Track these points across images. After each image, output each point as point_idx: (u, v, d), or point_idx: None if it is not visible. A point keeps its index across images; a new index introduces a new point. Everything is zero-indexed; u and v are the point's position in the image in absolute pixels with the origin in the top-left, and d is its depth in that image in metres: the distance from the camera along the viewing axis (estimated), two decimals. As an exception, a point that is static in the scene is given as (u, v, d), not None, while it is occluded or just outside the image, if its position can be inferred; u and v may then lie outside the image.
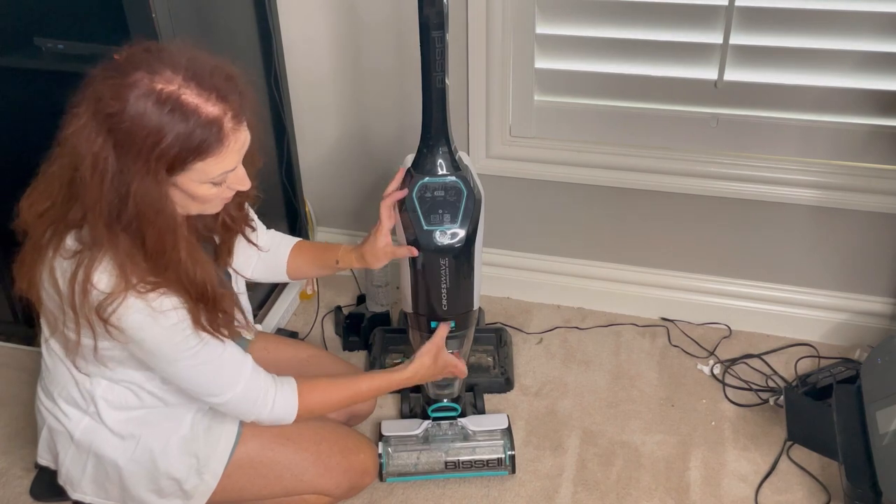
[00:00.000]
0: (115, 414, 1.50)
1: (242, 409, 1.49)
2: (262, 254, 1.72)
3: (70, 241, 1.31)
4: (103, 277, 1.28)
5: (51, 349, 1.50)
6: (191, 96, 1.20)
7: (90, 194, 1.23)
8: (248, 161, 1.36)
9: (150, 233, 1.26)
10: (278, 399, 1.50)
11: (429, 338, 1.76)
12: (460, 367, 1.78)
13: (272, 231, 1.77)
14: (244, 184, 1.34)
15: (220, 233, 1.53)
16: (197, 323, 1.36)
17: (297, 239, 1.78)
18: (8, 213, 1.39)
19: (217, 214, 1.48)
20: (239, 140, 1.27)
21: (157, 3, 1.65)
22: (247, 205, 1.59)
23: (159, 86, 1.19)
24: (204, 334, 1.38)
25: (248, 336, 1.75)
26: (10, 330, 2.33)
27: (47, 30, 1.88)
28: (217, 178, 1.28)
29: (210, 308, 1.37)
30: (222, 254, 1.56)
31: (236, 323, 1.45)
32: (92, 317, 1.30)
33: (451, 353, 1.79)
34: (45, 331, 1.48)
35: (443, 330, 1.74)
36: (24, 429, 2.04)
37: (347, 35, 2.22)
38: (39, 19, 1.92)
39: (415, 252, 1.67)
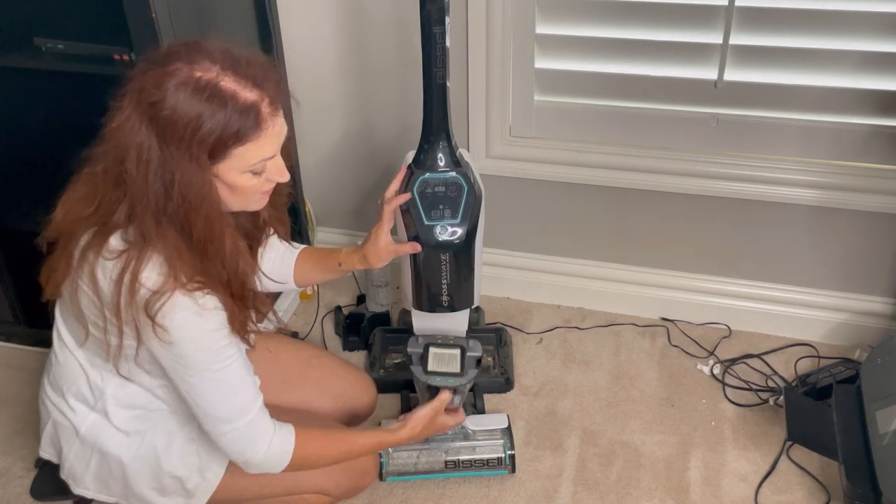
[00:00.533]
0: (122, 412, 1.50)
1: (241, 445, 1.44)
2: (272, 261, 1.72)
3: (115, 242, 1.31)
4: (152, 275, 1.29)
5: (63, 343, 1.50)
6: (228, 83, 1.22)
7: (137, 186, 1.24)
8: (283, 154, 1.38)
9: (196, 221, 1.27)
10: (275, 442, 1.46)
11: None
12: (458, 420, 1.77)
13: (275, 238, 1.76)
14: (283, 175, 1.34)
15: (253, 233, 1.54)
16: (233, 323, 1.35)
17: (302, 246, 1.77)
18: (8, 212, 1.39)
19: (257, 213, 1.49)
20: (276, 126, 1.28)
21: (157, 3, 1.65)
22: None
23: (198, 74, 1.22)
24: (235, 341, 1.38)
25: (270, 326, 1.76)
26: (10, 330, 2.33)
27: (47, 30, 1.88)
28: (256, 167, 1.28)
29: (246, 305, 1.38)
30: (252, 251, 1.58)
31: (267, 322, 1.46)
32: (140, 316, 1.29)
33: (452, 406, 1.76)
34: (64, 330, 1.49)
35: (444, 396, 1.71)
36: (24, 429, 2.04)
37: (348, 34, 2.22)
38: (39, 19, 1.92)
39: (418, 248, 1.66)
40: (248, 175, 1.29)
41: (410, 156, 1.79)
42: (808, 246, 2.18)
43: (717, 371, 2.19)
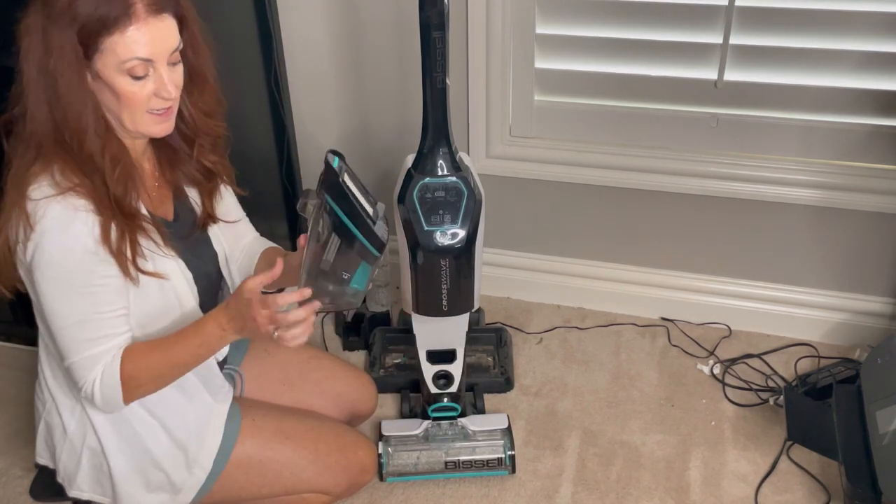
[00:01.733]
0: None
1: (78, 376, 1.40)
2: (242, 249, 1.68)
3: (24, 153, 1.33)
4: (35, 171, 1.32)
5: (42, 337, 1.50)
6: None
7: (25, 83, 1.28)
8: (199, 88, 1.41)
9: (68, 112, 1.29)
10: (105, 372, 1.40)
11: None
12: (286, 320, 1.37)
13: (250, 225, 1.73)
14: (165, 88, 1.32)
15: (200, 178, 1.53)
16: (106, 238, 1.33)
17: (269, 245, 1.71)
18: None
19: (196, 158, 1.49)
20: (151, 27, 1.28)
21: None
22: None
23: None
24: (110, 271, 1.35)
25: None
26: (10, 330, 2.33)
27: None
28: (131, 67, 1.28)
29: (130, 224, 1.36)
30: (205, 205, 1.56)
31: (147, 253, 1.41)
32: (18, 211, 1.31)
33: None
34: (40, 323, 1.47)
35: (262, 276, 1.39)
36: (24, 429, 2.04)
37: (348, 35, 2.22)
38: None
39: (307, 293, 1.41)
40: (127, 78, 1.29)
41: (410, 160, 1.79)
42: (808, 246, 2.18)
43: (717, 371, 2.19)
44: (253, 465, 1.61)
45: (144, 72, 1.30)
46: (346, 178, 1.39)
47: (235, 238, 1.67)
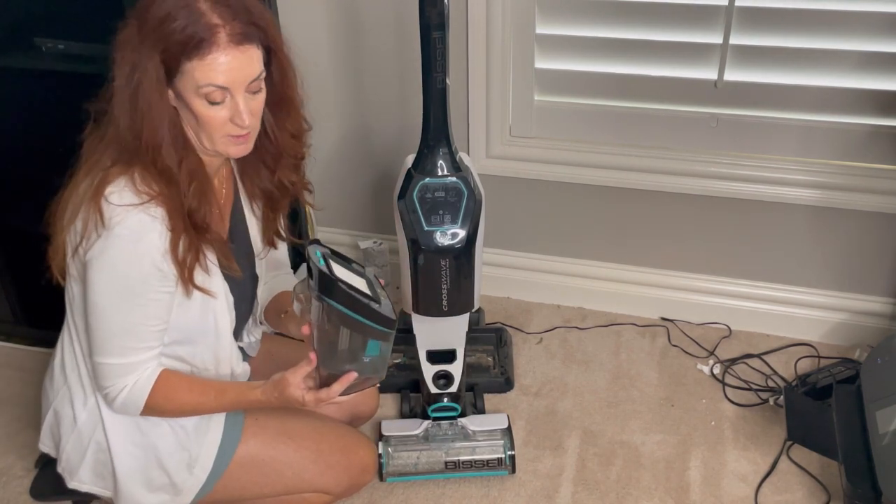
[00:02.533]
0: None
1: (106, 381, 1.44)
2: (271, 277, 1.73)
3: (104, 158, 1.38)
4: (116, 177, 1.35)
5: (68, 328, 1.52)
6: (204, 4, 1.31)
7: (115, 84, 1.33)
8: (286, 111, 1.46)
9: (146, 124, 1.33)
10: (136, 387, 1.44)
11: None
12: (318, 399, 1.46)
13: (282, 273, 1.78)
14: (239, 117, 1.35)
15: (274, 193, 1.58)
16: (175, 249, 1.36)
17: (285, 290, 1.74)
18: (8, 212, 1.39)
19: (273, 172, 1.54)
20: (232, 58, 1.31)
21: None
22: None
23: None
24: (167, 286, 1.38)
25: (256, 336, 1.76)
26: (10, 330, 2.33)
27: (47, 30, 1.88)
28: (209, 92, 1.31)
29: (199, 235, 1.40)
30: (268, 217, 1.61)
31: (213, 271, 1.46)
32: (91, 209, 1.34)
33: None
34: (69, 314, 1.50)
35: (303, 368, 1.45)
36: (24, 429, 2.04)
37: (348, 35, 2.22)
38: (39, 19, 1.92)
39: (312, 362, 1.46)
40: (203, 101, 1.32)
41: (410, 160, 1.79)
42: (808, 246, 2.18)
43: (717, 371, 2.19)
44: (255, 464, 1.61)
45: (221, 98, 1.33)
46: (336, 271, 1.40)
47: (273, 265, 1.72)
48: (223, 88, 1.32)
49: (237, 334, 1.65)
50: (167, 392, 1.47)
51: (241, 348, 1.70)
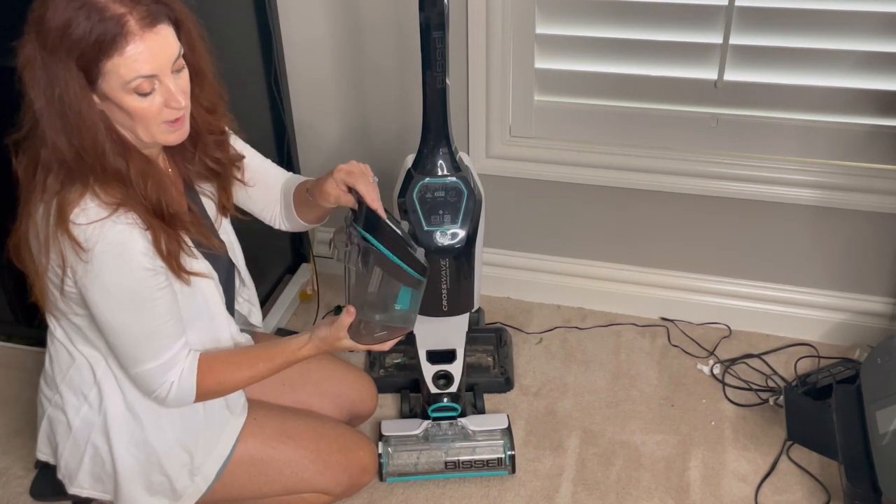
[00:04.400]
0: (116, 399, 1.50)
1: (150, 386, 1.45)
2: (275, 196, 1.68)
3: (51, 182, 1.33)
4: (74, 197, 1.31)
5: (53, 335, 1.51)
6: None
7: (36, 107, 1.27)
8: (199, 84, 1.40)
9: (83, 137, 1.28)
10: (182, 379, 1.45)
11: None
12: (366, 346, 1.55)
13: (278, 169, 1.72)
14: (174, 99, 1.31)
15: (210, 176, 1.53)
16: (158, 246, 1.35)
17: (298, 180, 1.71)
18: (8, 212, 1.39)
19: (199, 157, 1.49)
20: (150, 42, 1.26)
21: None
22: (236, 144, 1.58)
23: None
24: (161, 281, 1.37)
25: (257, 324, 1.75)
26: (10, 330, 2.33)
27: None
28: (137, 85, 1.27)
29: (174, 226, 1.38)
30: (220, 197, 1.57)
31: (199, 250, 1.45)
32: (63, 239, 1.31)
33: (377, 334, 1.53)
34: (52, 320, 1.49)
35: (345, 319, 1.49)
36: (24, 429, 2.04)
37: (348, 35, 2.22)
38: (39, 19, 1.91)
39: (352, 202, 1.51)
40: (134, 96, 1.28)
41: (410, 159, 1.79)
42: (808, 246, 2.18)
43: (717, 371, 2.19)
44: (254, 464, 1.61)
45: (150, 87, 1.29)
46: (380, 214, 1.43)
47: (267, 189, 1.68)
48: (151, 77, 1.27)
49: (231, 308, 1.63)
50: (215, 376, 1.48)
51: (243, 316, 1.70)
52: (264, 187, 1.67)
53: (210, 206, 1.57)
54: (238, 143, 1.61)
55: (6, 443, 2.02)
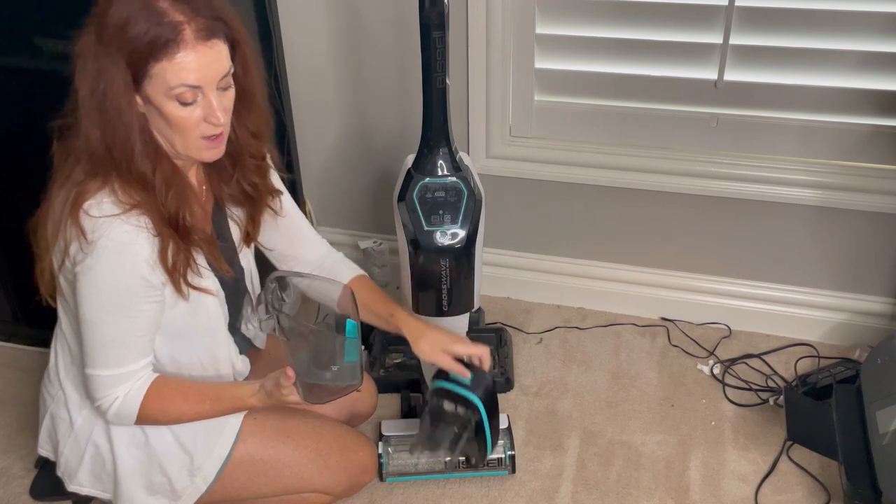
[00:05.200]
0: None
1: (98, 392, 1.43)
2: (305, 259, 1.72)
3: (77, 171, 1.35)
4: (93, 188, 1.33)
5: (60, 330, 1.51)
6: (164, 3, 1.27)
7: (79, 96, 1.30)
8: (247, 107, 1.42)
9: (116, 134, 1.30)
10: (128, 397, 1.44)
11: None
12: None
13: (336, 253, 1.77)
14: (213, 115, 1.32)
15: (244, 201, 1.55)
16: (164, 256, 1.35)
17: (361, 272, 1.74)
18: (8, 212, 1.40)
19: (237, 179, 1.50)
20: (201, 54, 1.28)
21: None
22: (274, 178, 1.60)
23: None
24: (155, 296, 1.38)
25: (261, 346, 1.76)
26: (10, 330, 2.33)
27: (47, 30, 1.87)
28: (180, 93, 1.28)
29: (186, 240, 1.38)
30: (247, 225, 1.58)
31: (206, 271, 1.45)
32: (70, 228, 1.32)
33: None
34: (63, 318, 1.50)
35: (284, 381, 1.45)
36: (24, 429, 2.04)
37: (348, 35, 2.22)
38: (40, 19, 1.91)
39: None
40: (175, 104, 1.30)
41: (410, 160, 1.79)
42: (808, 246, 2.18)
43: (717, 371, 2.19)
44: (254, 464, 1.61)
45: (193, 98, 1.30)
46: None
47: (295, 241, 1.70)
48: (195, 87, 1.29)
49: (235, 328, 1.64)
50: (160, 402, 1.46)
51: (247, 339, 1.71)
52: (291, 238, 1.70)
53: (235, 232, 1.59)
54: (276, 180, 1.63)
55: (6, 443, 2.02)
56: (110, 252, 1.32)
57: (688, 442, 2.00)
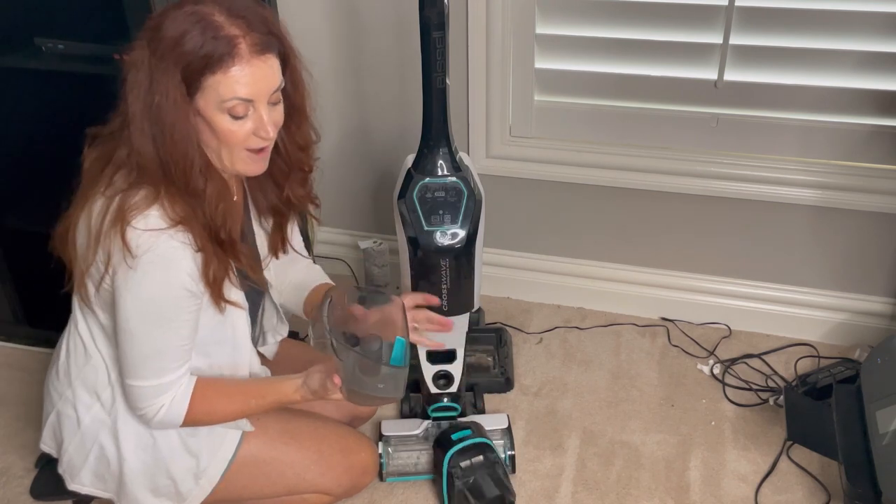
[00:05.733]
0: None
1: (141, 402, 1.44)
2: (295, 279, 1.72)
3: (118, 180, 1.35)
4: (139, 203, 1.33)
5: (75, 328, 1.51)
6: (219, 18, 1.28)
7: (129, 110, 1.29)
8: (297, 123, 1.45)
9: (175, 149, 1.30)
10: (173, 404, 1.45)
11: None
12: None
13: (311, 266, 1.78)
14: (264, 129, 1.34)
15: (281, 208, 1.56)
16: (207, 271, 1.36)
17: (320, 281, 1.75)
18: (9, 212, 1.39)
19: (281, 187, 1.52)
20: (255, 69, 1.29)
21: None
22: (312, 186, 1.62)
23: (197, 7, 1.29)
24: (195, 305, 1.38)
25: (274, 339, 1.76)
26: (10, 330, 2.33)
27: (47, 30, 1.88)
28: (232, 106, 1.30)
29: (227, 254, 1.39)
30: (275, 236, 1.60)
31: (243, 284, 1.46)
32: (114, 238, 1.31)
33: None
34: (79, 316, 1.50)
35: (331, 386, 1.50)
36: (24, 429, 2.04)
37: (348, 35, 2.22)
38: (39, 19, 1.92)
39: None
40: (226, 117, 1.31)
41: (410, 159, 1.80)
42: (808, 246, 2.18)
43: (717, 371, 2.19)
44: (257, 465, 1.62)
45: (244, 111, 1.31)
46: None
47: (288, 262, 1.70)
48: (247, 101, 1.31)
49: (255, 340, 1.65)
50: (206, 405, 1.47)
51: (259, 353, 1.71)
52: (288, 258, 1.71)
53: (262, 243, 1.60)
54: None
55: (6, 443, 2.02)
56: (156, 267, 1.32)
57: (688, 442, 2.00)
